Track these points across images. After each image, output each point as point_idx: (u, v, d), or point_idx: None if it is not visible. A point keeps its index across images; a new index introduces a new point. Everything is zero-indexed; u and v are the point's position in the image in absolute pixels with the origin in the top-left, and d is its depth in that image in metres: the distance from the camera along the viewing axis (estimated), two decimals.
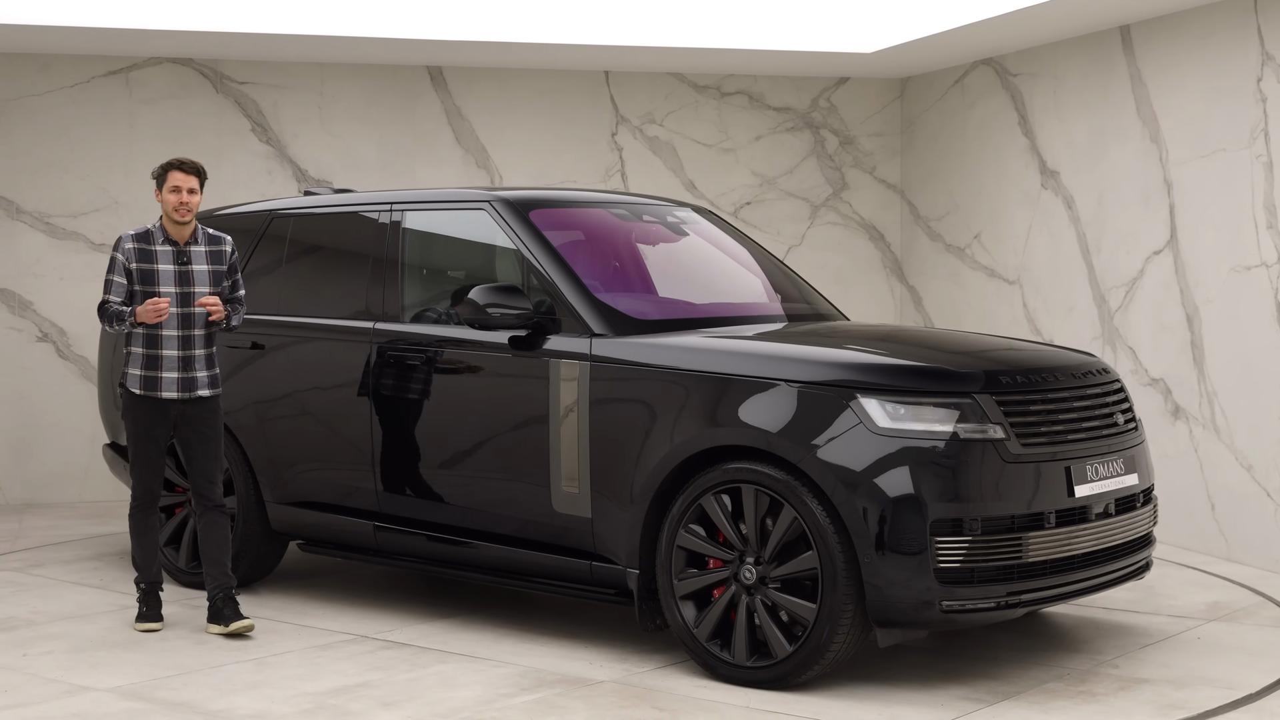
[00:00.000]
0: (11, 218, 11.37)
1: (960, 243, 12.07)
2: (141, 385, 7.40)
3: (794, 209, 12.69)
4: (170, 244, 7.42)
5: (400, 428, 7.73)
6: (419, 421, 7.68)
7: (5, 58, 11.36)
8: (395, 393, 7.74)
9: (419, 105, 12.04)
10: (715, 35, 11.39)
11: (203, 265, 7.47)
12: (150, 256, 7.39)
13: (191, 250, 7.46)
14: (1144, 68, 10.02)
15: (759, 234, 12.55)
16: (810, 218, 12.71)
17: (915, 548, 6.26)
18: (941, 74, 12.27)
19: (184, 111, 11.65)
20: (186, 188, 7.39)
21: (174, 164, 7.41)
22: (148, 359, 7.39)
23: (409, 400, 7.70)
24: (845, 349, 6.84)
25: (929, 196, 12.48)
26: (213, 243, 7.55)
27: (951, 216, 12.20)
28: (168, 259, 7.40)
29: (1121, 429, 7.04)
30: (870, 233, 12.83)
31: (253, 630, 7.44)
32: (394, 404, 7.75)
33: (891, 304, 12.82)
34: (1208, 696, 6.42)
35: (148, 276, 7.37)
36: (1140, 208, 10.04)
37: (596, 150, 12.33)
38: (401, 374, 7.72)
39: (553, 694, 6.47)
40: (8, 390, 11.39)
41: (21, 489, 11.44)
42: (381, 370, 7.79)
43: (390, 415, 7.77)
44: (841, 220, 12.77)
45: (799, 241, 12.68)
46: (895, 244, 12.85)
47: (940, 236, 12.33)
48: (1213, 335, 9.43)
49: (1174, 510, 9.74)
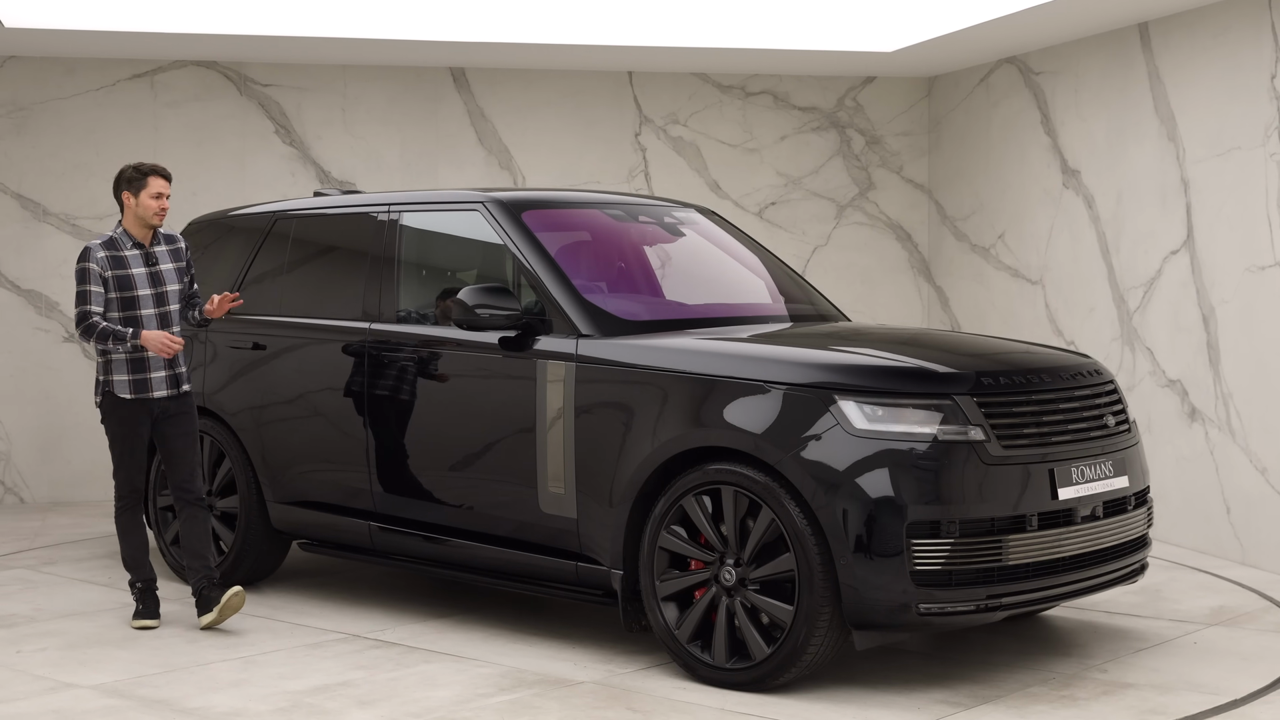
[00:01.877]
0: (38, 219, 11.50)
1: (985, 243, 11.99)
2: (132, 389, 7.50)
3: (819, 209, 12.63)
4: (138, 247, 7.56)
5: (394, 428, 7.76)
6: (412, 422, 7.70)
7: (32, 62, 11.49)
8: (390, 393, 7.77)
9: (442, 107, 12.07)
10: (739, 35, 11.35)
11: (168, 264, 7.65)
12: (123, 263, 7.52)
13: (156, 251, 7.63)
14: (1161, 65, 9.92)
15: (784, 234, 12.52)
16: (836, 218, 12.65)
17: (891, 550, 6.22)
18: (967, 73, 12.19)
19: (208, 114, 11.74)
20: (166, 193, 7.58)
21: (152, 169, 7.56)
22: (134, 363, 7.50)
23: (403, 401, 7.72)
24: (825, 350, 6.80)
25: (955, 196, 12.41)
26: (170, 242, 7.74)
27: (977, 216, 12.12)
28: (138, 263, 7.56)
29: (1112, 431, 6.96)
30: (897, 233, 12.76)
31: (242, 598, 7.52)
32: (388, 404, 7.77)
33: (919, 305, 12.74)
34: (1190, 702, 6.34)
35: (124, 283, 7.49)
36: (1158, 207, 9.94)
37: (620, 151, 12.32)
38: (395, 375, 7.74)
39: (530, 694, 6.47)
40: (34, 390, 11.51)
41: (48, 488, 11.56)
42: (376, 371, 7.82)
43: (384, 416, 7.79)
44: (868, 220, 12.71)
45: (825, 242, 12.63)
46: (922, 244, 12.77)
47: (966, 236, 12.25)
48: (1228, 336, 9.31)
49: (1191, 513, 9.63)
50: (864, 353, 6.80)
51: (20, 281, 11.49)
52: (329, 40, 11.03)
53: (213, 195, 11.56)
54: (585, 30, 11.20)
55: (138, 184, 7.55)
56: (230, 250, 8.87)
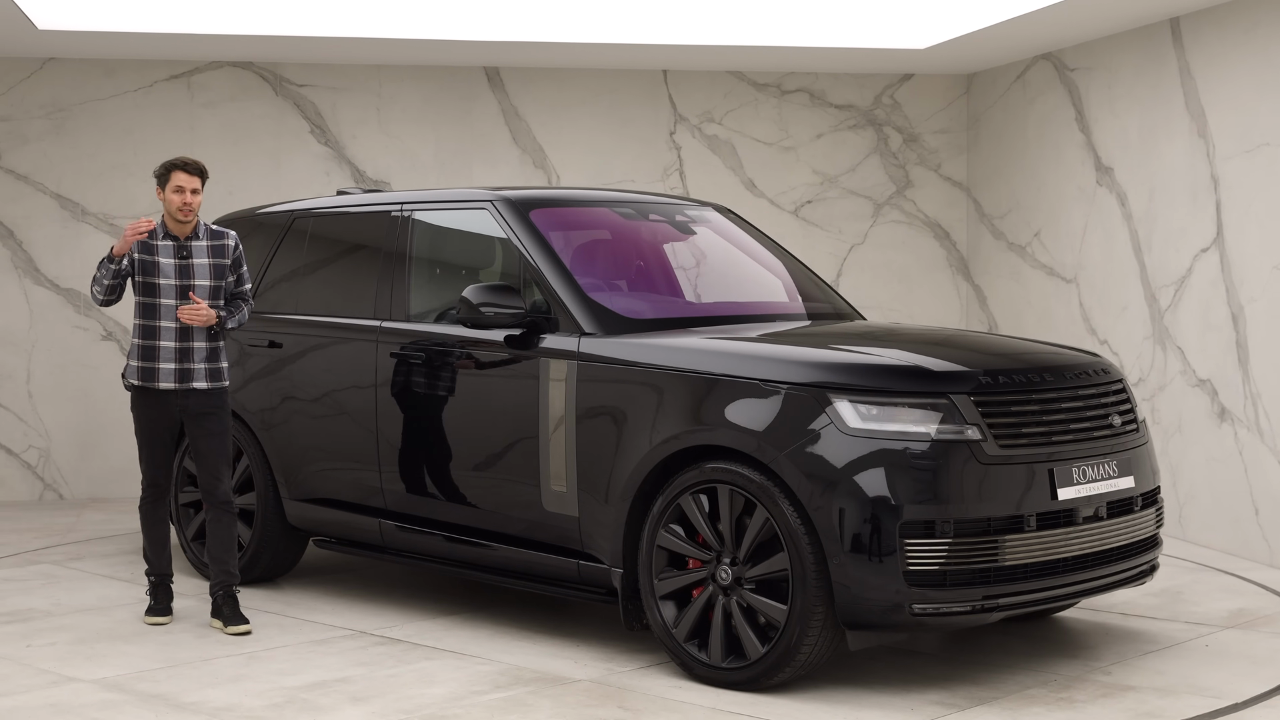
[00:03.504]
0: (77, 219, 11.63)
1: (1021, 241, 11.89)
2: (140, 376, 7.52)
3: (856, 207, 12.57)
4: (171, 239, 7.55)
5: (403, 426, 7.78)
6: (420, 420, 7.72)
7: (72, 63, 11.61)
8: (399, 391, 7.79)
9: (476, 106, 12.10)
10: (775, 33, 11.30)
11: (203, 259, 7.57)
12: (152, 249, 7.52)
13: (192, 245, 7.57)
14: (1192, 61, 9.80)
15: (821, 233, 12.47)
16: (873, 216, 12.59)
17: (884, 549, 6.17)
18: (1005, 69, 12.09)
19: (244, 114, 11.83)
20: (190, 188, 7.51)
21: (177, 164, 7.53)
22: (144, 350, 7.51)
23: (412, 398, 7.75)
24: (821, 349, 6.76)
25: (993, 194, 12.31)
26: (215, 238, 7.66)
27: (1013, 214, 12.02)
28: (169, 253, 7.53)
29: (1118, 431, 6.88)
30: (935, 231, 12.68)
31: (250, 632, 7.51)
32: (398, 402, 7.80)
33: (957, 304, 12.65)
34: (1189, 705, 6.26)
35: (148, 268, 7.50)
36: (1189, 204, 9.82)
37: (655, 149, 12.31)
38: (405, 372, 7.77)
39: (524, 692, 6.47)
40: (73, 388, 11.64)
41: (86, 484, 11.69)
42: (386, 369, 7.85)
43: (394, 413, 7.82)
44: (905, 219, 12.63)
45: (861, 240, 12.56)
46: (961, 242, 12.68)
47: (1003, 234, 12.15)
48: (1257, 335, 9.19)
49: (1220, 515, 9.52)
50: (860, 351, 6.75)
51: (59, 280, 11.62)
52: (364, 40, 11.09)
53: (249, 194, 11.64)
54: (620, 29, 11.19)
55: (163, 179, 7.58)
56: (252, 248, 8.92)
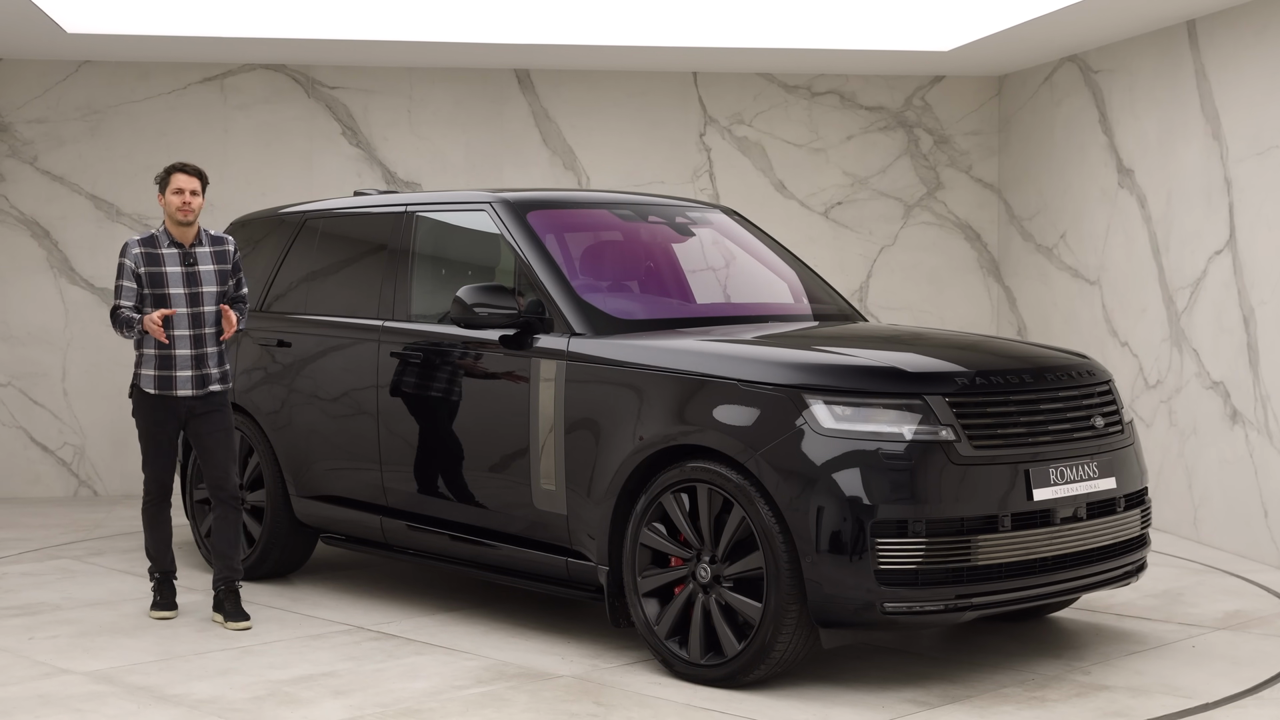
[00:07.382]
0: (112, 220, 11.85)
1: (1048, 242, 11.87)
2: (156, 385, 7.66)
3: (886, 209, 12.59)
4: (176, 246, 7.68)
5: (402, 424, 7.91)
6: (419, 418, 7.84)
7: (107, 66, 11.83)
8: (399, 390, 7.91)
9: (507, 108, 12.22)
10: (805, 35, 11.33)
11: (208, 265, 7.71)
12: (158, 260, 7.65)
13: (197, 252, 7.71)
14: (1207, 63, 9.77)
15: (851, 234, 12.50)
16: (904, 217, 12.60)
17: (855, 549, 6.23)
18: (1034, 71, 12.07)
19: (277, 116, 12.01)
20: (189, 190, 7.66)
21: (176, 167, 7.70)
22: (161, 359, 7.64)
23: (411, 397, 7.87)
24: (799, 350, 6.82)
25: (1023, 196, 12.30)
26: (216, 243, 7.80)
27: (1041, 216, 12.00)
28: (174, 262, 7.66)
29: (1100, 432, 6.89)
30: (966, 233, 12.68)
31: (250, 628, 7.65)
32: (398, 401, 7.92)
33: (988, 305, 12.64)
34: (1159, 705, 6.27)
35: (156, 280, 7.63)
36: (1204, 207, 9.79)
37: (685, 151, 12.39)
38: (405, 372, 7.89)
39: (504, 687, 6.57)
40: (108, 386, 11.85)
41: (119, 481, 11.91)
42: (388, 368, 7.97)
43: (395, 412, 7.94)
44: (936, 220, 12.64)
45: (891, 241, 12.58)
46: (992, 244, 12.67)
47: (1031, 236, 12.14)
48: (1267, 338, 9.15)
49: (1232, 517, 9.48)
50: (837, 352, 6.79)
51: (94, 280, 11.85)
52: (395, 43, 11.23)
53: (281, 195, 11.81)
54: (650, 32, 11.26)
55: (163, 183, 7.74)
56: (267, 248, 9.09)
